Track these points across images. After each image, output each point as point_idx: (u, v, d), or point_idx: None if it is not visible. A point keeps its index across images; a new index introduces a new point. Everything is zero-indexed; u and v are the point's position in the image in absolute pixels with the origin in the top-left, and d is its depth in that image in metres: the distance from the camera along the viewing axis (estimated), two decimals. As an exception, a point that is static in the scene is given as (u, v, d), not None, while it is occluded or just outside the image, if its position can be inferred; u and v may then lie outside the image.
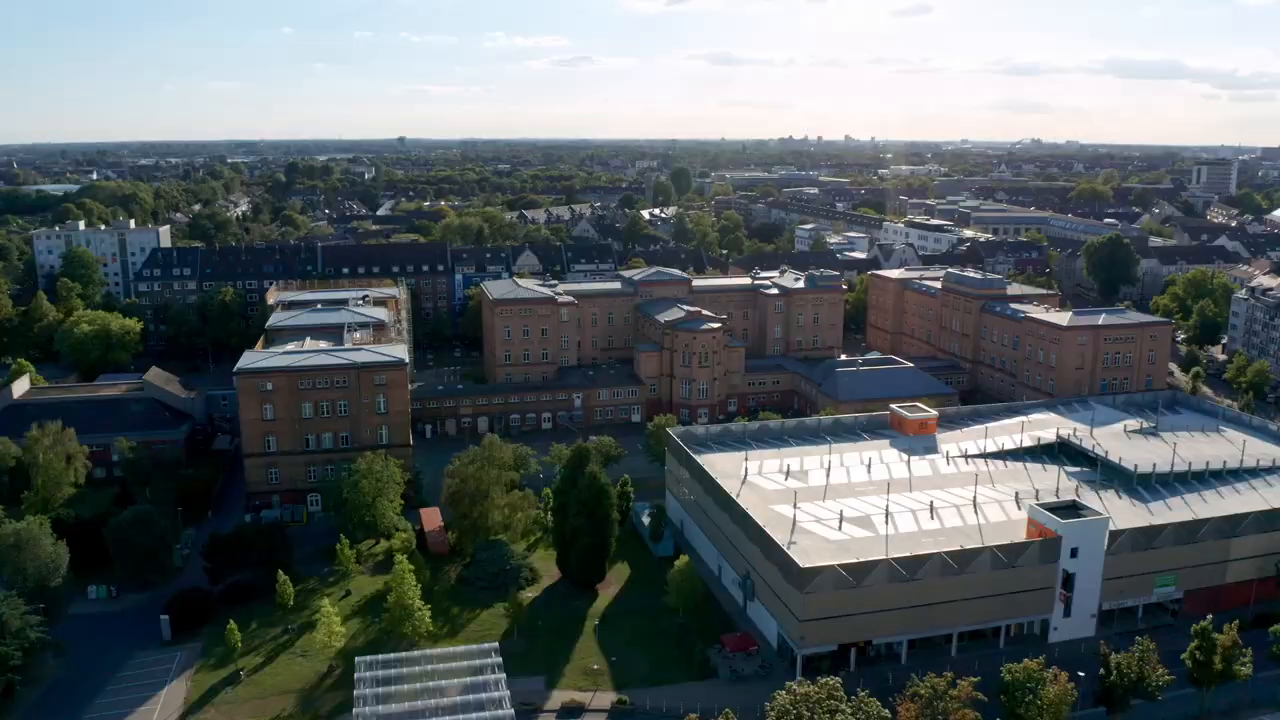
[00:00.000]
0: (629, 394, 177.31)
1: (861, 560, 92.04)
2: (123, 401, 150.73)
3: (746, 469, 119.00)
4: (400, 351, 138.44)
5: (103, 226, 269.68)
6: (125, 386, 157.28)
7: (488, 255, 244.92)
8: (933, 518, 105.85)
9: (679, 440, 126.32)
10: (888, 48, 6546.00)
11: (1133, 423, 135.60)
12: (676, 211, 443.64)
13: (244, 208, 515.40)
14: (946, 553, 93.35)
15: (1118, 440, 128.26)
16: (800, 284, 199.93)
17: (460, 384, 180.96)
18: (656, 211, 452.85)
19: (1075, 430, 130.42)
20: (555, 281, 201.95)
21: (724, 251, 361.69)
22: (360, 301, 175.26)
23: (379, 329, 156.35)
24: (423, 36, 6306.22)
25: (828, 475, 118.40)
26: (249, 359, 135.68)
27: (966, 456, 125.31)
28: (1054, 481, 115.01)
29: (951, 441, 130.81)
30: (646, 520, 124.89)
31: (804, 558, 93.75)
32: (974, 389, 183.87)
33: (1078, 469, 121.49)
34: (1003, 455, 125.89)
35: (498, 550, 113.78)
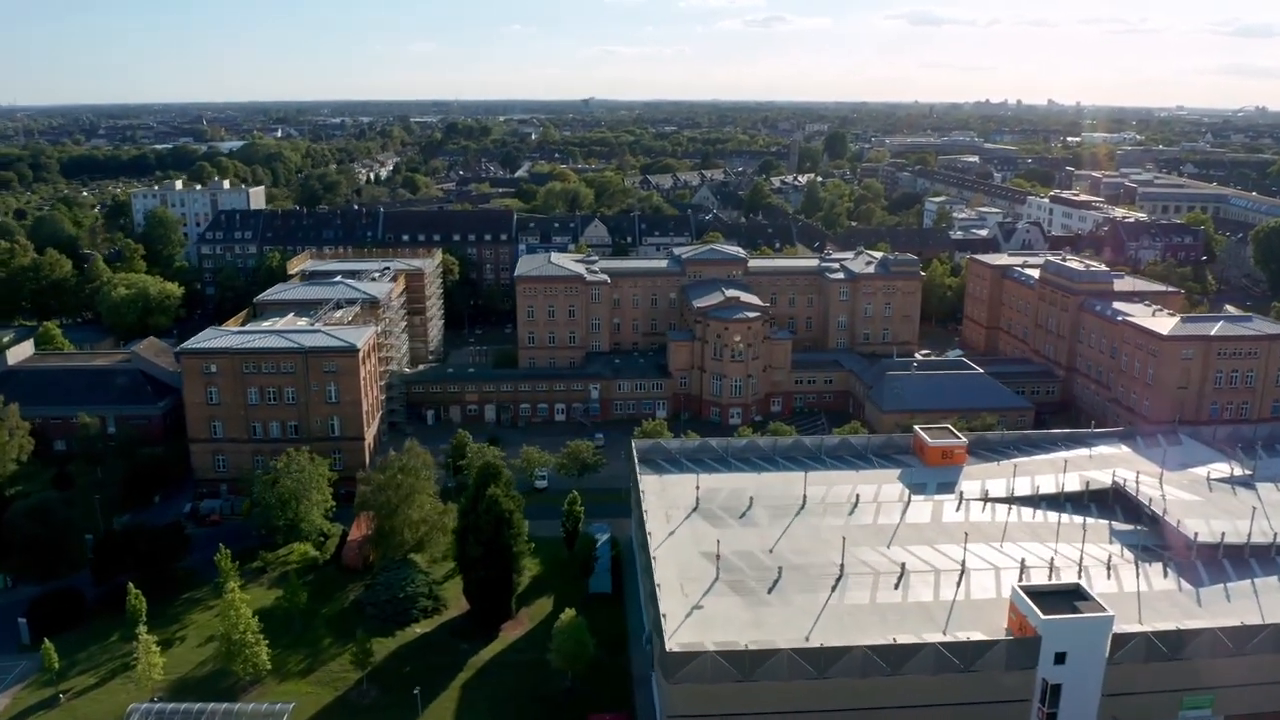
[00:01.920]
0: (653, 387, 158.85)
1: (752, 649, 71.50)
2: (109, 373, 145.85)
3: (699, 498, 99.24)
4: (358, 336, 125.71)
5: (198, 187, 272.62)
6: (120, 357, 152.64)
7: (555, 225, 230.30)
8: (898, 587, 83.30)
9: (635, 455, 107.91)
10: (1100, 6, 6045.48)
11: (1223, 467, 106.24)
12: (809, 179, 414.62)
13: (388, 168, 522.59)
14: (871, 647, 71.39)
15: (1193, 491, 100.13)
16: (871, 268, 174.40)
17: (472, 367, 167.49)
18: (789, 179, 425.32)
19: (1139, 474, 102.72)
20: (596, 257, 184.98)
21: (853, 223, 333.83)
22: (378, 275, 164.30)
23: (370, 307, 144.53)
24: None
25: (795, 514, 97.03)
26: (201, 337, 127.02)
27: (987, 500, 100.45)
28: (1089, 544, 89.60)
29: (979, 477, 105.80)
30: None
31: (690, 632, 74.48)
32: (1065, 402, 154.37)
33: (1129, 527, 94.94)
34: (1036, 501, 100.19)
35: (402, 573, 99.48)
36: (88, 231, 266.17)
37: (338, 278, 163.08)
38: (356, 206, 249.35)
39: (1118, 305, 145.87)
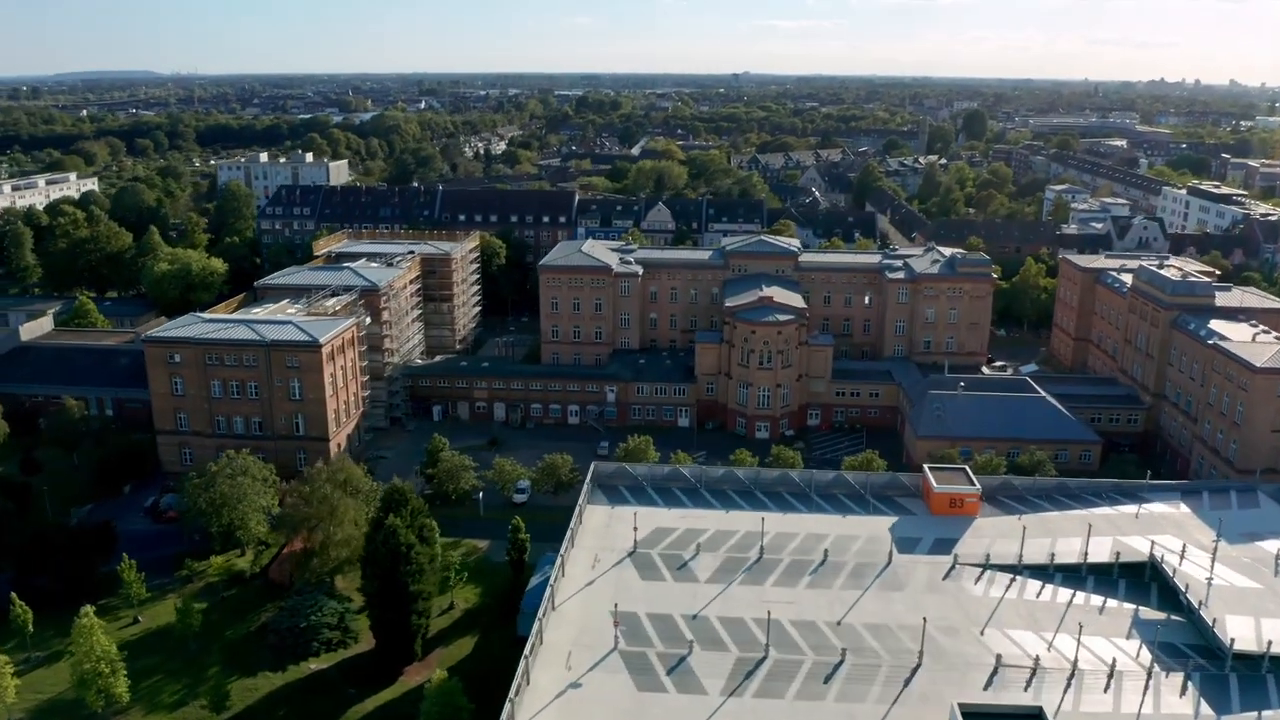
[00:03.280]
0: (676, 392, 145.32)
1: (600, 756, 58.50)
2: (113, 353, 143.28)
3: (638, 541, 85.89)
4: (326, 329, 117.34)
5: (282, 160, 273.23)
6: (128, 337, 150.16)
7: (617, 208, 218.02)
8: (828, 681, 68.02)
9: (591, 480, 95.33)
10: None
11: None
12: (929, 162, 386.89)
13: (505, 141, 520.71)
14: (745, 770, 57.18)
15: (1252, 574, 79.91)
16: (935, 267, 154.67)
17: (485, 362, 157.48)
18: (908, 161, 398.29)
19: (1186, 545, 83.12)
20: (634, 246, 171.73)
21: (970, 210, 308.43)
22: (398, 260, 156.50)
23: (368, 295, 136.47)
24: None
25: (745, 569, 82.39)
26: (173, 324, 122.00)
27: (986, 566, 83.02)
28: (1097, 638, 71.80)
29: (988, 534, 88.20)
30: (535, 580, 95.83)
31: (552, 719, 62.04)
32: (1149, 435, 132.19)
33: (1159, 617, 76.04)
34: (1050, 573, 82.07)
35: (311, 599, 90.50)
36: (180, 204, 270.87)
37: (361, 260, 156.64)
38: (416, 184, 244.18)
39: (1215, 324, 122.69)
